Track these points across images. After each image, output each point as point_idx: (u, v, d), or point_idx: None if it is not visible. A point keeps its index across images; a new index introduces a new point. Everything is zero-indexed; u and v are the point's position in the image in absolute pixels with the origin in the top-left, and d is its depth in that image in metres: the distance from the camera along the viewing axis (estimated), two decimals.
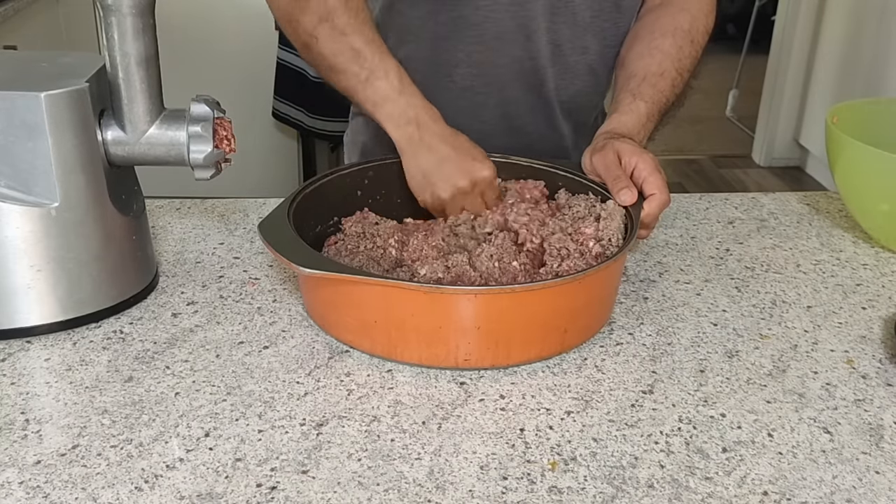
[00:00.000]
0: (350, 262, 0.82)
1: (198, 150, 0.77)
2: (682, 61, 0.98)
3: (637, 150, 0.86)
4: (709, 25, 1.02)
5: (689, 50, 0.99)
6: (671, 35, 0.98)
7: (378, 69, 0.87)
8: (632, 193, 0.82)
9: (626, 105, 0.94)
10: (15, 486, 0.59)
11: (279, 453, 0.63)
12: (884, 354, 0.77)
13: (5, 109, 0.71)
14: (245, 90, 2.87)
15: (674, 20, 1.00)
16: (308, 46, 0.90)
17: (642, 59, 0.97)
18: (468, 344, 0.71)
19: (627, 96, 0.95)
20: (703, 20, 1.01)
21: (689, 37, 0.99)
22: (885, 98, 1.23)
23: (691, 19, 1.00)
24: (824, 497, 0.60)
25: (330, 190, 0.88)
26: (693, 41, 0.99)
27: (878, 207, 0.95)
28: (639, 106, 0.94)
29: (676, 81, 0.97)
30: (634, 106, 0.94)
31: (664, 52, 0.97)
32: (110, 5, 0.72)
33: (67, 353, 0.75)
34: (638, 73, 0.96)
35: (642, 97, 0.94)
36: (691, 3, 1.01)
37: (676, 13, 1.00)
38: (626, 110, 0.93)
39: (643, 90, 0.95)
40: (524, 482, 0.60)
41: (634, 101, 0.94)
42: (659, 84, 0.95)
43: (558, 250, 0.79)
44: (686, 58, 0.98)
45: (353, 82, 0.88)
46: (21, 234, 0.74)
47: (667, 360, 0.75)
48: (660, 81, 0.95)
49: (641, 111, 0.94)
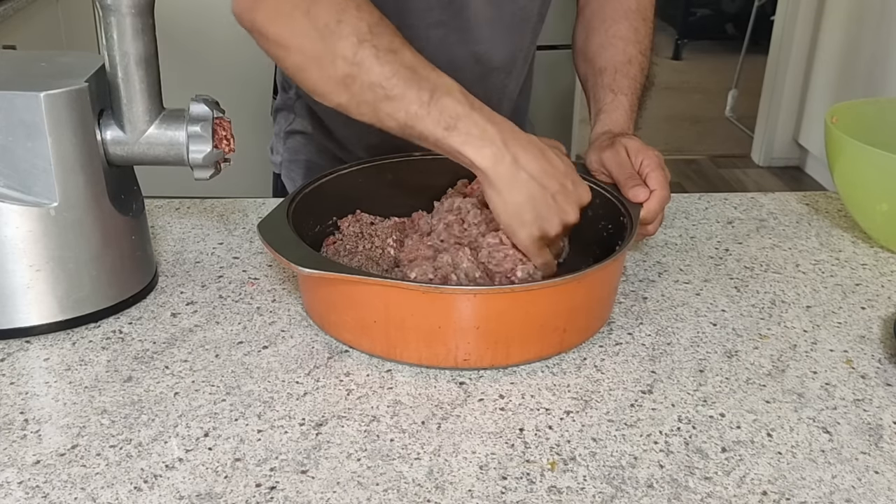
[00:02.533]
0: (349, 263, 0.82)
1: (197, 150, 0.77)
2: (641, 42, 0.97)
3: (644, 147, 0.86)
4: None
5: (645, 29, 0.98)
6: (624, 18, 0.97)
7: (440, 85, 0.72)
8: (644, 191, 0.83)
9: (609, 103, 0.94)
10: (14, 486, 0.59)
11: (278, 453, 0.63)
12: (883, 354, 0.77)
13: (5, 109, 0.71)
14: (245, 90, 2.87)
15: (621, 2, 0.99)
16: (352, 80, 0.73)
17: (606, 51, 0.97)
18: (467, 344, 0.71)
19: (607, 93, 0.95)
20: None
21: (640, 15, 0.98)
22: (885, 98, 1.23)
23: None
24: (823, 497, 0.60)
25: (329, 190, 0.88)
26: (645, 18, 0.98)
27: (877, 207, 0.95)
28: (621, 101, 0.94)
29: (644, 64, 0.97)
30: (618, 102, 0.94)
31: (624, 38, 0.96)
32: (110, 5, 0.72)
33: (67, 353, 0.75)
34: (607, 66, 0.96)
35: (621, 91, 0.94)
36: None
37: None
38: (612, 108, 0.94)
39: (619, 83, 0.94)
40: (523, 482, 0.60)
41: (616, 96, 0.94)
42: (630, 72, 0.95)
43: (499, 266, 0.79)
44: (644, 38, 0.98)
45: (416, 108, 0.72)
46: (20, 234, 0.74)
47: (666, 360, 0.75)
48: (630, 69, 0.95)
49: (625, 105, 0.94)
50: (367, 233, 0.85)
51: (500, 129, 0.72)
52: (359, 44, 0.72)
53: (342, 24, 0.72)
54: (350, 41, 0.72)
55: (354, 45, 0.72)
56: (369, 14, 0.74)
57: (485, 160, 0.71)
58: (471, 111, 0.72)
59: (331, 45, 0.72)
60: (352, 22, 0.72)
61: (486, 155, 0.71)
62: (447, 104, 0.72)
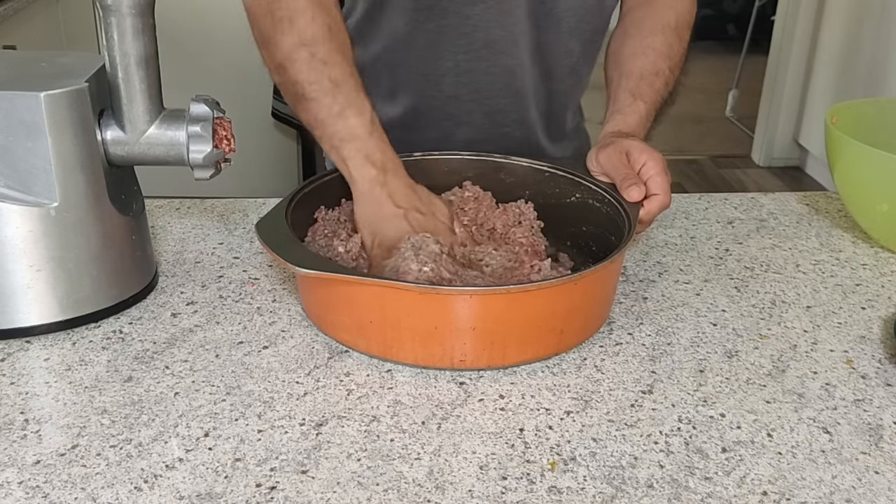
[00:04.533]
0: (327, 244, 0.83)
1: (197, 150, 0.77)
2: (672, 59, 0.99)
3: (646, 149, 0.86)
4: (691, 21, 1.03)
5: (678, 47, 1.00)
6: (661, 32, 0.99)
7: (353, 105, 0.83)
8: (640, 190, 0.83)
9: (627, 106, 0.95)
10: (14, 486, 0.59)
11: (279, 453, 0.63)
12: (883, 354, 0.77)
13: (5, 109, 0.71)
14: (245, 90, 2.87)
15: (662, 17, 1.00)
16: (283, 69, 0.85)
17: (637, 59, 0.98)
18: (464, 344, 0.71)
19: (627, 96, 0.95)
20: (687, 16, 1.02)
21: (676, 34, 1.00)
22: (885, 98, 1.23)
23: (676, 16, 1.01)
24: (824, 497, 0.60)
25: (328, 190, 0.88)
26: (680, 38, 1.00)
27: (877, 207, 0.95)
28: (639, 107, 0.94)
29: (669, 80, 0.98)
30: (635, 106, 0.94)
31: (657, 50, 0.98)
32: (110, 5, 0.72)
33: (67, 353, 0.75)
34: (634, 72, 0.97)
35: (642, 97, 0.95)
36: (675, 0, 1.02)
37: (663, 10, 1.01)
38: (629, 111, 0.94)
39: (642, 90, 0.95)
40: (524, 482, 0.60)
41: (635, 101, 0.95)
42: (655, 83, 0.96)
43: None
44: (676, 55, 0.99)
45: (324, 115, 0.83)
46: (20, 234, 0.74)
47: (666, 360, 0.75)
48: (655, 80, 0.96)
49: (642, 112, 0.94)
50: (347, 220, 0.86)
51: (385, 159, 0.83)
52: (298, 45, 0.83)
53: (293, 25, 0.83)
54: (292, 40, 0.83)
55: (294, 45, 0.83)
56: (321, 25, 0.84)
57: (359, 178, 0.83)
58: (369, 136, 0.83)
59: (277, 37, 0.84)
60: (301, 26, 0.83)
61: (362, 174, 0.82)
62: (352, 122, 0.82)
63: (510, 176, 0.93)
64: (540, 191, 0.93)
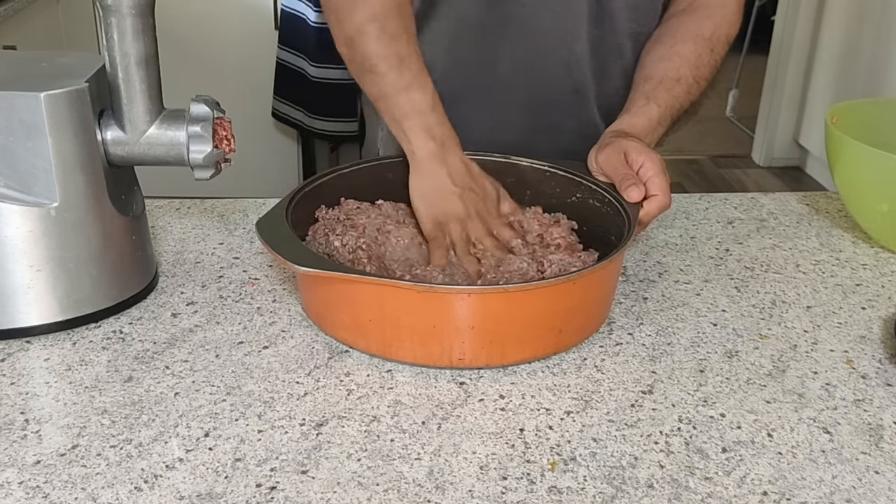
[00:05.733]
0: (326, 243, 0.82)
1: (197, 150, 0.77)
2: (700, 69, 0.97)
3: (645, 150, 0.86)
4: (731, 35, 1.01)
5: (708, 58, 0.98)
6: (692, 41, 0.98)
7: (417, 80, 0.86)
8: (639, 191, 0.82)
9: (638, 107, 0.94)
10: (14, 487, 0.59)
11: (279, 453, 0.63)
12: (883, 354, 0.77)
13: (5, 109, 0.71)
14: (245, 90, 2.87)
15: (697, 27, 0.99)
16: (352, 42, 0.87)
17: (661, 63, 0.97)
18: (462, 343, 0.71)
19: (641, 98, 0.94)
20: (726, 30, 1.00)
21: (709, 45, 0.98)
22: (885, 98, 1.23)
23: (714, 28, 0.99)
24: (824, 497, 0.60)
25: (328, 190, 0.88)
26: (713, 50, 0.99)
27: (877, 207, 0.95)
28: (651, 109, 0.93)
29: (693, 88, 0.97)
30: (647, 109, 0.93)
31: (683, 57, 0.97)
32: (110, 5, 0.72)
33: (67, 353, 0.75)
34: (655, 75, 0.96)
35: (656, 101, 0.94)
36: (716, 11, 1.01)
37: (700, 20, 1.00)
38: (638, 112, 0.93)
39: (658, 94, 0.94)
40: (524, 482, 0.60)
41: (648, 103, 0.94)
42: (675, 89, 0.95)
43: None
44: (704, 66, 0.98)
45: (390, 89, 0.86)
46: (20, 234, 0.74)
47: (666, 360, 0.75)
48: (676, 87, 0.95)
49: (653, 115, 0.93)
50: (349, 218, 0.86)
51: (444, 134, 0.86)
52: (370, 19, 0.85)
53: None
54: (365, 13, 0.85)
55: (366, 18, 0.85)
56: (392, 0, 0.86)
57: (420, 151, 0.86)
58: (431, 111, 0.86)
59: (350, 8, 0.87)
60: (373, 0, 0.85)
61: (422, 146, 0.85)
62: (415, 97, 0.85)
63: (511, 176, 0.93)
64: (540, 190, 0.93)
